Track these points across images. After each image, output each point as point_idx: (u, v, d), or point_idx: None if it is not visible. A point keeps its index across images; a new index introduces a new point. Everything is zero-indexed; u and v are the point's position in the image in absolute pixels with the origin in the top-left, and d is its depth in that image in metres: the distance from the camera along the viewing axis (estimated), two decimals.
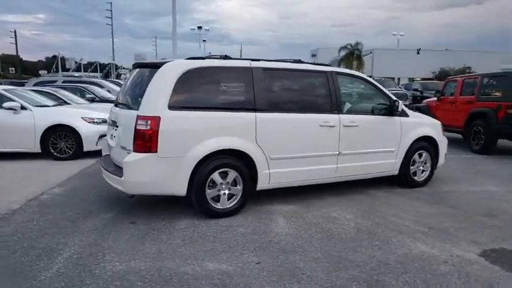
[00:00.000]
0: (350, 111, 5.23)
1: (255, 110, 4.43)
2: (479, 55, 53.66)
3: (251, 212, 4.52)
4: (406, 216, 4.51)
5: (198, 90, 4.31)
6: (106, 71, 58.90)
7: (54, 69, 55.69)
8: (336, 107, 4.96)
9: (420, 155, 5.76)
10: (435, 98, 11.23)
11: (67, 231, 3.93)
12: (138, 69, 4.81)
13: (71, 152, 7.50)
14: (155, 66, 4.30)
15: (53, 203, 4.83)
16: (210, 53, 7.65)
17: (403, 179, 5.68)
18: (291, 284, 2.94)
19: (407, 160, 5.61)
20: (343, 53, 48.07)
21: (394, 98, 5.49)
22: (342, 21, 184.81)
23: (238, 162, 4.35)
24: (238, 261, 3.32)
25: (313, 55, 66.43)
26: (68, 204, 4.80)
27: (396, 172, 5.58)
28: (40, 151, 7.40)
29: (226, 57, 4.55)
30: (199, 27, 47.00)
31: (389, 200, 5.15)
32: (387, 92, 5.61)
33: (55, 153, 7.45)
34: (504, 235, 3.97)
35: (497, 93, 9.19)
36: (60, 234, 3.85)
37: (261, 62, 4.64)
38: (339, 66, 47.23)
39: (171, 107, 4.06)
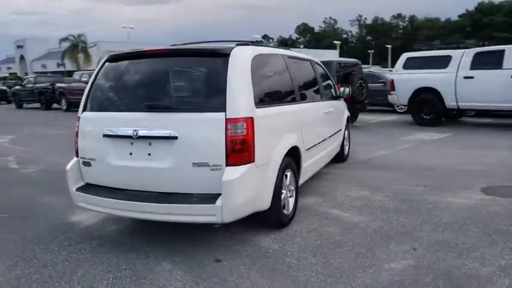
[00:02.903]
0: (325, 98, 5.46)
1: (298, 100, 4.18)
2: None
3: (298, 216, 4.16)
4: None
5: (267, 81, 3.65)
6: None
7: None
8: (322, 94, 5.16)
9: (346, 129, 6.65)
10: None
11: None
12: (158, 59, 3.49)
13: None
14: (217, 53, 3.29)
15: None
16: None
17: (340, 156, 6.38)
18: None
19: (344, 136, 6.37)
20: (65, 44, 43.76)
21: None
22: (24, 9, 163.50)
23: (292, 159, 3.95)
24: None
25: (20, 46, 57.66)
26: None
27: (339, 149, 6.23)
28: None
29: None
30: None
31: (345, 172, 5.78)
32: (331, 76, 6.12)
33: None
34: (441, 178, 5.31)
35: None
36: None
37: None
38: (62, 59, 42.89)
39: (256, 103, 3.28)
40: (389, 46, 66.49)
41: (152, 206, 3.16)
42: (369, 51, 72.39)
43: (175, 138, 3.12)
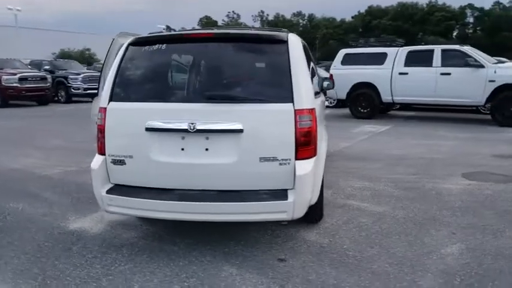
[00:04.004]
0: None
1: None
2: (97, 38, 56.00)
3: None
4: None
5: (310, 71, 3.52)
6: None
7: None
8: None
9: None
10: None
11: None
12: (203, 44, 3.13)
13: None
14: (274, 39, 3.08)
15: None
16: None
17: None
18: None
19: None
20: None
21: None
22: None
23: None
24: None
25: None
26: None
27: None
28: None
29: None
30: None
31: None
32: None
33: None
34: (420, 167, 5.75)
35: None
36: None
37: None
38: None
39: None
40: None
41: (214, 206, 2.87)
42: None
43: (241, 131, 2.87)
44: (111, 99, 3.10)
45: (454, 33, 70.91)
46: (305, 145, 2.92)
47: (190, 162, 2.96)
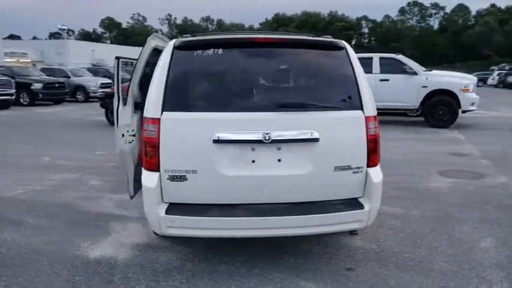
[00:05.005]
0: None
1: None
2: None
3: None
4: None
5: None
6: None
7: None
8: None
9: None
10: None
11: None
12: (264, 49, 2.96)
13: None
14: (334, 46, 3.04)
15: None
16: None
17: None
18: None
19: None
20: None
21: None
22: None
23: None
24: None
25: None
26: None
27: None
28: None
29: None
30: None
31: None
32: None
33: None
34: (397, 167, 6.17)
35: None
36: None
37: None
38: None
39: None
40: None
41: (290, 220, 2.73)
42: None
43: (317, 140, 2.77)
44: (163, 108, 2.78)
45: (353, 42, 76.88)
46: (374, 152, 2.93)
47: (262, 174, 2.78)
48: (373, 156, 2.92)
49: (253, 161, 2.78)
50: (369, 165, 2.90)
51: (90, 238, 3.60)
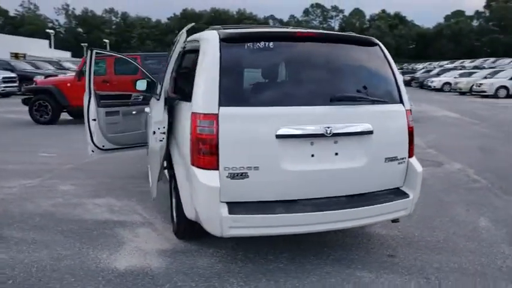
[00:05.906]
0: None
1: None
2: None
3: None
4: None
5: None
6: None
7: None
8: None
9: None
10: (68, 77, 10.21)
11: None
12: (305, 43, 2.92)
13: None
14: (369, 42, 3.13)
15: None
16: None
17: None
18: None
19: None
20: None
21: None
22: None
23: None
24: None
25: None
26: None
27: None
28: None
29: None
30: None
31: None
32: None
33: None
34: None
35: None
36: None
37: None
38: None
39: None
40: (107, 41, 64.65)
41: (349, 213, 2.77)
42: (82, 44, 68.25)
43: (371, 133, 2.83)
44: (220, 103, 2.60)
45: None
46: (412, 143, 3.09)
47: (321, 168, 2.77)
48: (412, 147, 3.08)
49: (312, 155, 2.75)
50: (409, 156, 3.06)
51: (104, 248, 3.24)
